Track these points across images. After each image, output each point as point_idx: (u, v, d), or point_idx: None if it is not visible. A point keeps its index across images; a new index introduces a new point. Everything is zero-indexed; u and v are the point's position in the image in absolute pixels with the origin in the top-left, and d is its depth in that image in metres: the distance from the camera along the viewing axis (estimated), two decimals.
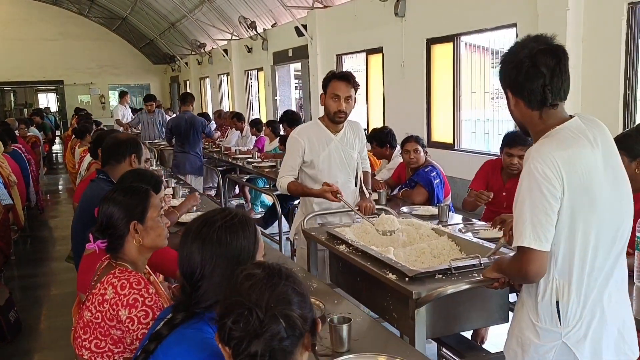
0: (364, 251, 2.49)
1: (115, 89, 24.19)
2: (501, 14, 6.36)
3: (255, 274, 1.14)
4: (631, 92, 5.10)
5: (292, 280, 1.15)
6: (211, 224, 1.43)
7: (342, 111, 3.07)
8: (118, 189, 1.95)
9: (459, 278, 2.16)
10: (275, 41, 12.66)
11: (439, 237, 2.70)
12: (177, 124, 6.95)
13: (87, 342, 1.70)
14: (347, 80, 3.04)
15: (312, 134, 3.17)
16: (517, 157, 3.36)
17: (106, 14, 21.52)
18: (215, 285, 1.39)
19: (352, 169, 3.29)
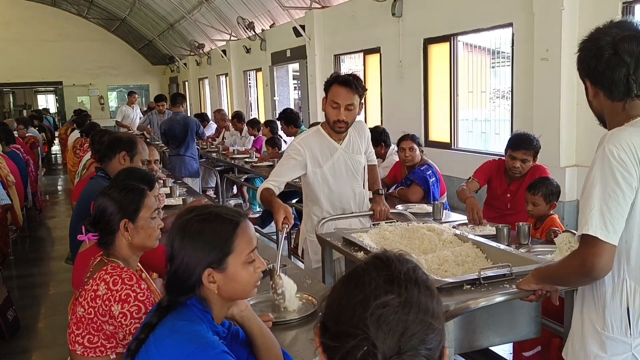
0: None
1: (115, 90, 24.27)
2: (497, 14, 6.38)
3: (388, 303, 0.88)
4: None
5: (427, 305, 0.90)
6: (191, 211, 1.45)
7: (342, 121, 2.79)
8: (115, 185, 1.97)
9: (489, 289, 1.99)
10: (274, 42, 12.69)
11: (462, 243, 2.53)
12: (170, 127, 6.78)
13: (80, 338, 1.72)
14: (348, 86, 2.73)
15: (314, 144, 2.92)
16: (519, 160, 3.35)
17: (105, 15, 21.54)
18: (182, 272, 1.39)
19: (360, 174, 3.07)
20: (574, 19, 5.37)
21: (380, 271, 0.92)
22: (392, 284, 0.90)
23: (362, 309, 0.88)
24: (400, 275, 0.91)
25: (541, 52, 5.65)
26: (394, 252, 0.97)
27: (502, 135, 6.74)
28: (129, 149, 3.00)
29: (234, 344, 1.55)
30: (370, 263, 0.95)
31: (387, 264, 0.94)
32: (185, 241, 1.39)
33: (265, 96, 13.75)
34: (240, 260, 1.41)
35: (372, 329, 0.86)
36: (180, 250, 1.39)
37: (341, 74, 2.84)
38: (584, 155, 5.56)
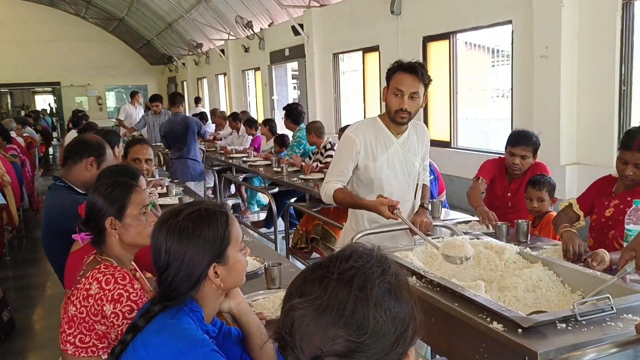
0: (445, 286, 1.91)
1: (113, 90, 24.23)
2: (496, 11, 6.35)
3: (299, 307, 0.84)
4: (627, 88, 5.09)
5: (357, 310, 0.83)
6: (177, 214, 1.42)
7: (405, 110, 2.55)
8: (103, 182, 1.93)
9: (590, 329, 1.59)
10: (272, 41, 12.65)
11: (529, 264, 2.13)
12: (170, 129, 6.46)
13: (71, 337, 1.68)
14: (414, 73, 2.53)
15: (370, 133, 2.67)
16: (519, 157, 3.30)
17: (103, 15, 21.49)
18: (184, 274, 1.38)
19: (413, 178, 2.79)
20: (573, 15, 5.33)
21: (316, 268, 0.89)
22: (317, 283, 0.85)
23: (285, 307, 0.87)
24: (332, 273, 0.85)
25: (541, 50, 5.62)
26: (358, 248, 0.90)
27: (502, 134, 6.70)
28: (97, 154, 2.71)
29: (226, 343, 1.53)
30: (323, 259, 0.92)
31: (328, 261, 0.89)
32: (184, 243, 1.39)
33: (264, 95, 13.72)
34: (236, 249, 1.46)
35: (286, 330, 0.84)
36: (180, 253, 1.39)
37: (407, 62, 2.59)
38: (584, 153, 5.52)
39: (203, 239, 1.40)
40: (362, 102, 9.63)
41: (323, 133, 5.58)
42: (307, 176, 5.10)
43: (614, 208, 2.51)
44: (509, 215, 3.31)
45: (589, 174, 4.81)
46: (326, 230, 4.77)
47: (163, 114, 8.25)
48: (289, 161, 5.72)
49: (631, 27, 4.99)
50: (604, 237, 2.52)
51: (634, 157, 2.40)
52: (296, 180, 5.11)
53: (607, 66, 5.15)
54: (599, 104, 5.30)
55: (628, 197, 2.26)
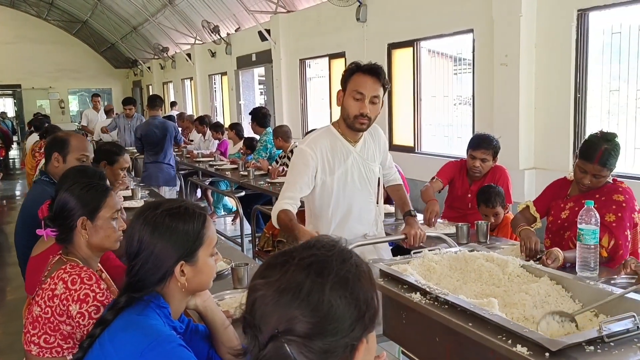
0: (454, 304, 1.74)
1: (76, 94, 23.78)
2: (459, 20, 6.52)
3: (260, 287, 0.90)
4: (581, 96, 5.29)
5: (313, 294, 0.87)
6: (156, 207, 1.46)
7: (366, 115, 2.39)
8: (78, 182, 1.93)
9: (621, 351, 1.48)
10: (239, 46, 12.65)
11: (534, 277, 2.01)
12: (147, 132, 6.23)
13: (35, 337, 1.68)
14: (375, 75, 2.37)
15: (325, 146, 2.49)
16: (479, 159, 3.43)
17: (66, 17, 21.10)
18: (151, 266, 1.41)
19: (374, 186, 2.64)
20: (531, 25, 5.53)
21: (280, 255, 0.94)
22: (279, 267, 0.90)
23: (247, 292, 0.92)
24: (293, 259, 0.90)
25: (501, 58, 5.80)
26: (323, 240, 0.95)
27: (464, 139, 6.87)
28: (60, 148, 2.82)
29: (194, 339, 1.55)
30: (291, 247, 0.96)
31: (292, 249, 0.94)
32: (156, 235, 1.41)
33: (230, 100, 13.69)
34: (207, 252, 1.47)
35: (248, 310, 0.89)
36: (151, 244, 1.40)
37: (364, 63, 2.42)
38: (542, 158, 5.72)
39: (176, 234, 1.41)
40: (329, 108, 9.71)
41: (290, 137, 5.63)
42: (274, 180, 5.14)
43: (569, 210, 2.61)
44: (469, 216, 3.42)
45: (546, 178, 4.97)
46: None
47: (135, 117, 8.15)
48: (256, 165, 5.75)
49: (585, 37, 5.20)
50: (560, 238, 2.63)
51: (594, 169, 2.47)
52: (263, 184, 5.15)
53: (563, 74, 5.36)
54: (555, 110, 5.50)
55: (583, 200, 2.38)
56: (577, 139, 5.35)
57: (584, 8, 5.14)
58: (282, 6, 10.30)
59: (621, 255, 2.41)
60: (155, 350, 1.30)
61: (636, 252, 2.51)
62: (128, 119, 8.27)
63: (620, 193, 2.48)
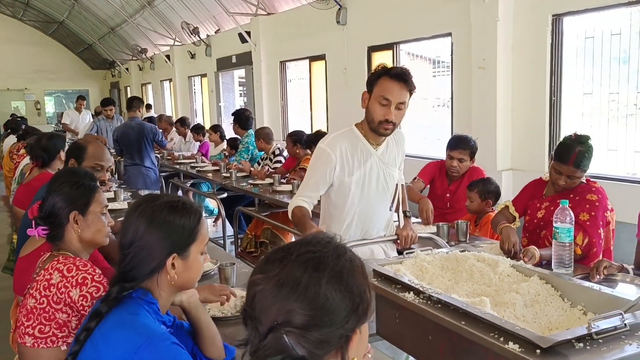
0: (446, 303, 1.78)
1: (52, 95, 23.46)
2: (437, 24, 6.63)
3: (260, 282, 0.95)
4: (556, 98, 5.44)
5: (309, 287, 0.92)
6: (154, 200, 1.50)
7: (391, 122, 2.36)
8: (67, 181, 1.98)
9: (609, 347, 1.53)
10: (219, 47, 12.64)
11: (524, 277, 2.04)
12: (123, 133, 6.08)
13: (30, 329, 1.71)
14: (403, 81, 2.32)
15: (346, 146, 2.45)
16: (457, 159, 3.52)
17: (42, 18, 20.81)
18: (144, 256, 1.45)
19: (391, 191, 2.61)
20: (508, 29, 5.65)
21: (279, 251, 0.99)
22: (277, 262, 0.95)
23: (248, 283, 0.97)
24: (291, 254, 0.95)
25: (478, 61, 5.91)
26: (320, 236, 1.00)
27: (443, 140, 6.97)
28: (77, 155, 2.87)
29: (179, 334, 1.59)
30: (289, 243, 1.02)
31: (290, 245, 0.99)
32: (153, 226, 1.45)
33: (210, 102, 13.66)
34: (199, 249, 1.51)
35: (249, 304, 0.95)
36: (146, 234, 1.44)
37: (392, 67, 2.38)
38: (519, 160, 5.85)
39: (172, 227, 1.46)
40: (309, 110, 9.77)
41: (272, 139, 5.67)
42: (257, 181, 5.18)
43: (545, 210, 2.70)
44: (448, 215, 3.52)
45: (523, 178, 5.06)
46: (275, 234, 4.86)
47: (116, 119, 8.01)
48: (238, 166, 5.78)
49: (560, 41, 5.34)
50: (536, 236, 2.72)
51: (569, 170, 2.55)
52: (245, 185, 5.18)
53: (538, 77, 5.49)
54: (531, 113, 5.63)
55: (558, 200, 2.47)
56: (553, 140, 5.49)
57: (558, 13, 5.28)
58: (262, 8, 10.33)
59: (595, 253, 2.50)
60: (149, 348, 1.32)
61: (609, 249, 2.62)
62: (108, 121, 8.09)
63: (593, 193, 2.58)
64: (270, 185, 4.92)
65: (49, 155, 3.87)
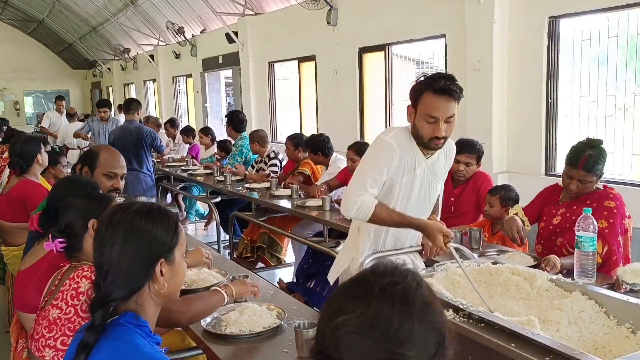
0: (490, 322, 1.70)
1: (31, 95, 23.01)
2: (431, 25, 6.59)
3: (349, 322, 0.86)
4: (552, 101, 5.42)
5: (401, 325, 0.85)
6: (127, 208, 1.39)
7: (442, 137, 2.22)
8: (82, 194, 2.03)
9: None
10: (205, 47, 12.48)
11: (565, 292, 1.95)
12: (121, 137, 5.80)
13: (52, 341, 1.67)
14: (449, 95, 2.15)
15: (405, 145, 2.30)
16: (463, 163, 3.47)
17: (20, 17, 20.38)
18: (123, 273, 1.34)
19: (432, 203, 2.49)
20: (503, 31, 5.63)
21: (354, 285, 0.90)
22: (359, 299, 0.87)
23: (326, 326, 0.87)
24: (373, 289, 0.87)
25: (473, 63, 5.88)
26: (390, 264, 0.93)
27: None
28: (90, 162, 2.81)
29: None
30: (359, 274, 0.92)
31: (366, 277, 0.90)
32: (133, 235, 1.35)
33: (196, 103, 13.49)
34: (181, 252, 1.45)
35: (332, 347, 0.85)
36: (127, 245, 1.34)
37: (434, 78, 2.20)
38: (514, 162, 5.83)
39: (154, 232, 1.37)
40: (299, 112, 9.68)
41: (267, 142, 5.58)
42: (253, 185, 5.08)
43: (561, 216, 2.66)
44: (451, 220, 3.48)
45: (518, 181, 5.08)
46: (272, 239, 4.77)
47: (111, 121, 7.66)
48: (232, 170, 5.67)
49: (556, 44, 5.33)
50: (552, 243, 2.67)
51: (579, 175, 2.54)
52: (241, 189, 5.08)
53: (534, 80, 5.47)
54: (527, 115, 5.61)
55: (574, 206, 2.42)
56: (549, 143, 5.48)
57: (555, 15, 5.26)
58: (249, 8, 10.21)
59: (615, 261, 2.46)
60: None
61: (627, 257, 2.58)
62: (103, 123, 7.69)
63: (611, 199, 2.54)
64: (268, 190, 4.83)
65: (25, 161, 3.71)
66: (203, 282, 2.53)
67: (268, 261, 4.82)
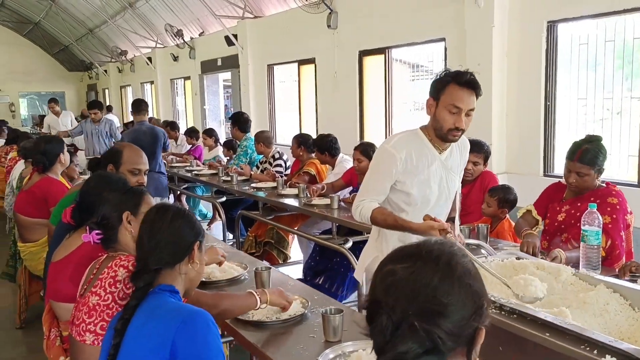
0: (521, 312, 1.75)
1: (26, 97, 22.98)
2: (431, 29, 6.71)
3: (396, 272, 0.97)
4: (551, 103, 5.57)
5: (442, 283, 0.95)
6: (166, 205, 1.74)
7: (461, 129, 2.30)
8: (115, 188, 2.12)
9: None
10: (204, 50, 12.57)
11: (589, 285, 2.00)
12: (136, 139, 5.33)
13: (92, 326, 1.77)
14: (472, 88, 2.25)
15: (412, 148, 2.37)
16: (471, 162, 3.57)
17: (16, 18, 20.38)
18: (170, 244, 1.62)
19: (451, 200, 2.54)
20: (503, 35, 5.77)
21: (405, 248, 1.03)
22: (409, 257, 0.99)
23: (377, 275, 1.01)
24: (421, 251, 1.00)
25: (473, 66, 5.94)
26: (438, 239, 1.06)
27: None
28: (114, 160, 2.86)
29: None
30: (413, 243, 1.05)
31: (415, 243, 1.03)
32: (180, 215, 1.67)
33: (194, 105, 13.56)
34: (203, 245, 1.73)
35: (380, 293, 0.97)
36: (174, 222, 1.64)
37: (458, 72, 2.28)
38: (513, 163, 5.96)
39: (194, 218, 1.71)
40: (298, 114, 9.79)
41: (272, 143, 5.67)
42: (260, 184, 5.19)
43: (565, 213, 2.77)
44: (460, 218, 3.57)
45: (517, 181, 5.22)
46: (280, 235, 4.87)
47: (104, 121, 7.71)
48: (237, 170, 5.76)
49: (555, 47, 5.47)
50: (557, 239, 2.79)
51: (575, 167, 2.65)
52: (247, 189, 5.17)
53: (533, 83, 5.62)
54: (526, 118, 5.75)
55: (578, 203, 2.54)
56: (548, 144, 5.62)
57: (553, 20, 5.41)
58: (249, 11, 10.31)
59: (618, 255, 2.58)
60: (189, 323, 1.46)
61: (630, 251, 2.70)
62: (95, 124, 7.72)
63: (614, 196, 2.67)
64: (274, 189, 4.93)
65: (49, 160, 3.82)
66: (224, 275, 2.64)
67: (275, 257, 4.91)
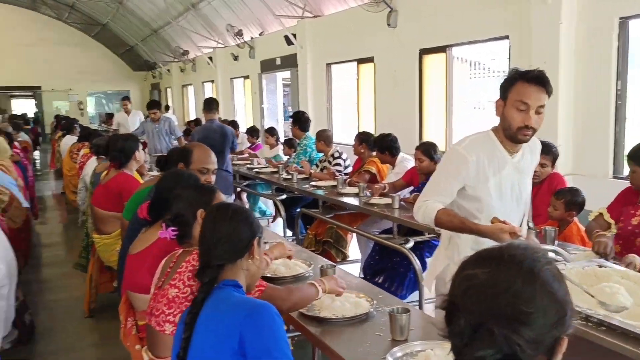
0: (610, 325, 1.71)
1: (93, 96, 24.04)
2: (494, 27, 6.57)
3: (476, 276, 0.96)
4: (622, 103, 5.35)
5: (522, 288, 0.93)
6: (225, 204, 1.86)
7: (531, 127, 2.20)
8: (188, 186, 2.23)
9: None
10: (263, 49, 12.77)
11: None
12: (206, 137, 5.58)
13: (171, 316, 1.87)
14: (541, 84, 2.16)
15: (484, 152, 2.30)
16: (539, 164, 3.51)
17: (85, 20, 21.35)
18: (232, 241, 1.69)
19: (524, 203, 2.43)
20: (571, 33, 5.58)
21: (487, 251, 1.01)
22: (490, 260, 0.98)
23: (457, 277, 1.00)
24: (503, 255, 0.98)
25: (539, 65, 5.70)
26: (525, 243, 1.04)
27: None
28: (185, 159, 3.01)
29: None
30: (496, 246, 1.03)
31: (498, 247, 1.01)
32: (240, 213, 1.75)
33: (253, 104, 13.81)
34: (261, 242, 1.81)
35: (459, 297, 0.96)
36: (234, 220, 1.71)
37: (527, 70, 2.22)
38: (580, 164, 5.76)
39: (253, 216, 1.79)
40: (356, 113, 9.80)
41: (332, 142, 5.73)
42: (320, 183, 5.24)
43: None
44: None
45: (584, 183, 5.04)
46: (339, 235, 4.90)
47: (163, 120, 7.96)
48: (298, 168, 5.84)
49: (626, 45, 5.26)
50: (630, 244, 2.70)
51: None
52: (308, 187, 5.24)
53: (603, 82, 5.41)
54: (594, 117, 5.54)
55: None
56: (618, 145, 5.41)
57: (625, 16, 5.20)
58: (308, 11, 10.40)
59: None
60: (254, 316, 1.50)
61: None
62: (155, 123, 7.94)
63: None
64: (334, 188, 4.97)
65: (125, 157, 4.01)
66: (289, 272, 2.70)
67: (333, 256, 4.95)
